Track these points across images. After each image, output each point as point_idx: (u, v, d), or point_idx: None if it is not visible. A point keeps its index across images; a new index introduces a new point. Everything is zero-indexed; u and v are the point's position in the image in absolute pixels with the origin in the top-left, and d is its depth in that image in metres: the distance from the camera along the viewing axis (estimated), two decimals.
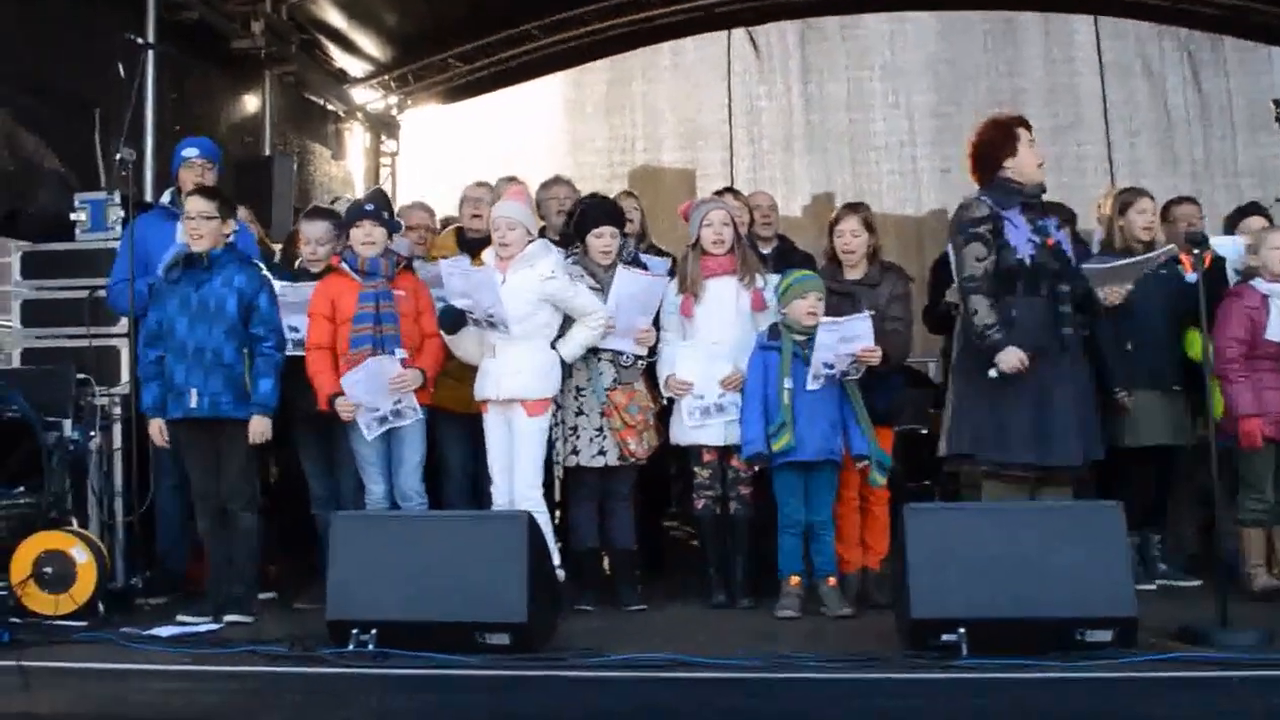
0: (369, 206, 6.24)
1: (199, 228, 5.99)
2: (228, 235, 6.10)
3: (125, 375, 6.69)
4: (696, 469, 6.33)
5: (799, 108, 11.88)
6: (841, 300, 6.24)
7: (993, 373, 5.76)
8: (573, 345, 6.15)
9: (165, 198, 6.88)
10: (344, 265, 6.17)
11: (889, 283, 6.31)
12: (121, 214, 6.95)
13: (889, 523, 6.26)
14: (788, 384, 5.99)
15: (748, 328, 6.27)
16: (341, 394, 6.02)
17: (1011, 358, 5.72)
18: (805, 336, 6.01)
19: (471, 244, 6.76)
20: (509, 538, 5.10)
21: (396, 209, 7.10)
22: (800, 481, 6.06)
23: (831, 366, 5.94)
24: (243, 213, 7.54)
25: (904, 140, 11.67)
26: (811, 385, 5.94)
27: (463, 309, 6.01)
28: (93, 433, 6.59)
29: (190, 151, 6.83)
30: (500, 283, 6.04)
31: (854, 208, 6.54)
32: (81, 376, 6.68)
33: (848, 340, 5.88)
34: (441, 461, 6.57)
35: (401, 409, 6.07)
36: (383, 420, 6.06)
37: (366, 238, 6.13)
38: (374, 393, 6.01)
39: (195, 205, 6.04)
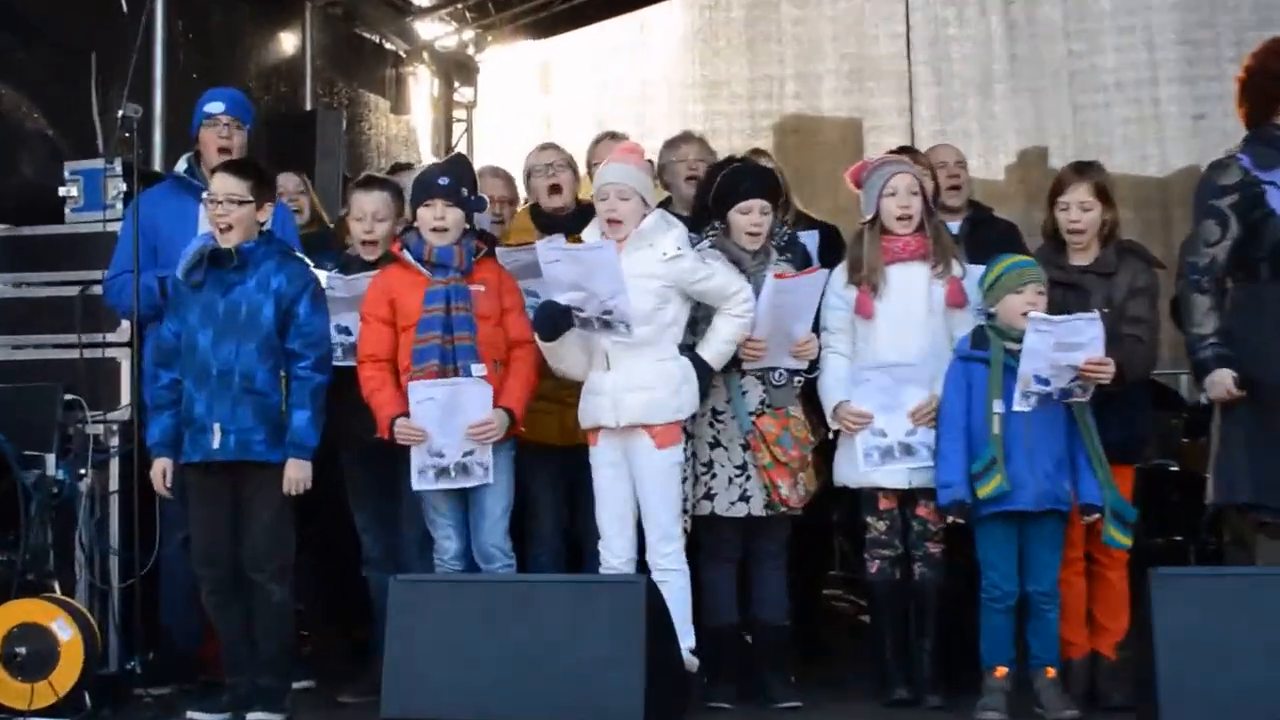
0: (442, 180, 6.17)
1: (226, 215, 6.01)
2: (263, 223, 6.13)
3: (126, 396, 6.72)
4: (870, 520, 6.30)
5: (1000, 36, 11.86)
6: (1066, 294, 6.19)
7: (1203, 398, 5.76)
8: (718, 344, 6.07)
9: (180, 166, 6.93)
10: (406, 254, 6.14)
11: (1128, 270, 6.25)
12: (124, 188, 7.00)
13: (1128, 594, 6.24)
14: (998, 408, 5.94)
15: (942, 332, 6.25)
16: (406, 415, 5.99)
17: (1220, 384, 5.75)
18: (1021, 345, 5.96)
19: (553, 224, 6.77)
20: (622, 611, 5.11)
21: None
22: (1013, 539, 6.02)
23: (1046, 382, 5.91)
24: (289, 181, 7.56)
25: (1142, 77, 11.57)
26: (1019, 406, 5.92)
27: (568, 305, 5.94)
28: (83, 471, 6.61)
29: (214, 106, 6.87)
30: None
31: (1082, 170, 6.42)
32: (70, 398, 6.70)
33: (1067, 347, 5.85)
34: (529, 510, 6.60)
35: (470, 464, 6.03)
36: (442, 472, 6.03)
37: (438, 221, 6.09)
38: (445, 427, 5.97)
39: (222, 185, 6.05)
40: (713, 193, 6.43)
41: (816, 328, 6.29)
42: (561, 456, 6.43)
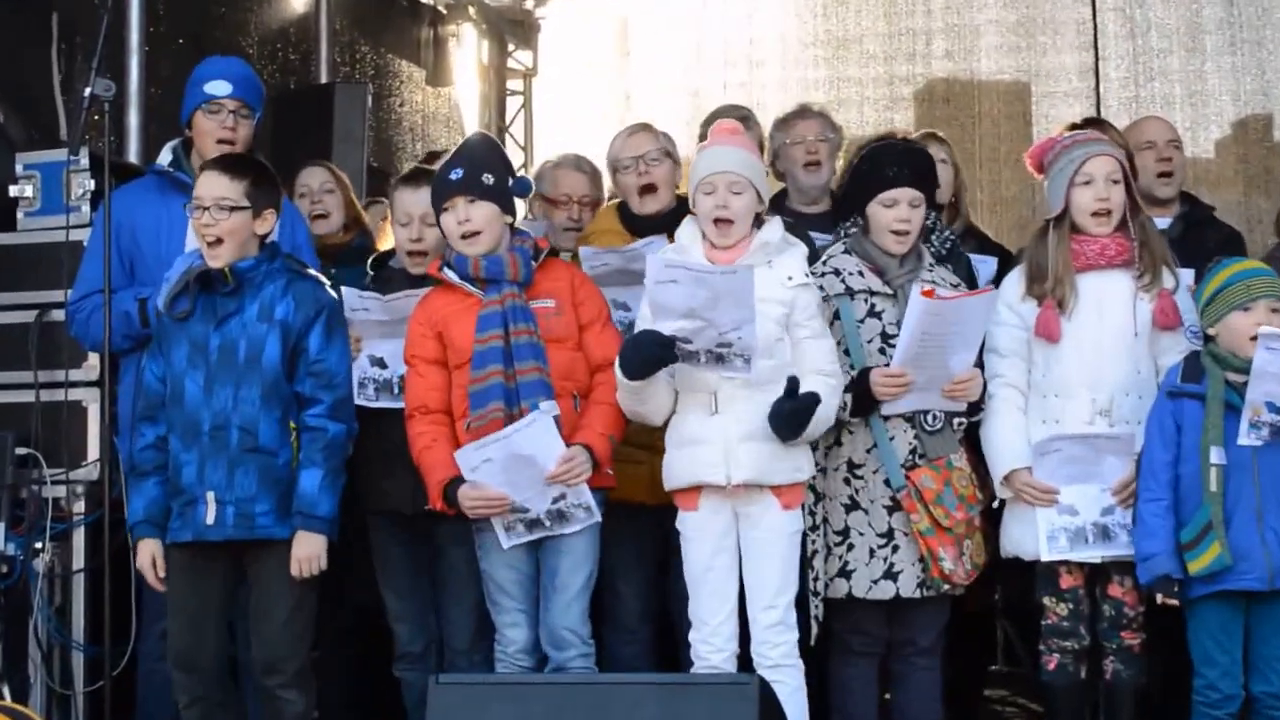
0: (454, 173, 6.14)
1: (215, 225, 5.99)
2: (265, 234, 6.12)
3: (95, 450, 6.75)
4: (1049, 602, 6.31)
5: None
6: None
7: None
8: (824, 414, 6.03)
9: (164, 157, 6.93)
10: (449, 272, 6.14)
11: None
12: (91, 185, 7.07)
13: None
14: (1216, 458, 5.95)
15: (1147, 361, 6.29)
16: (462, 481, 5.95)
17: None
18: (1248, 376, 6.01)
19: (644, 226, 6.80)
20: (730, 718, 5.06)
21: (533, 167, 7.01)
22: (1236, 626, 6.02)
23: None
24: (313, 177, 7.56)
25: None
26: (1245, 440, 5.95)
27: (672, 337, 5.87)
28: (40, 545, 6.66)
29: (218, 86, 6.82)
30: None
31: None
32: (23, 452, 6.77)
33: None
34: (608, 588, 6.60)
35: (568, 508, 6.02)
36: (533, 525, 6.02)
37: (464, 225, 6.07)
38: (518, 487, 5.95)
39: (209, 188, 6.03)
40: (847, 180, 6.47)
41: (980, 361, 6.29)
42: (653, 520, 6.42)
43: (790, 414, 5.86)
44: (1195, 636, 6.00)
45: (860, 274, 6.21)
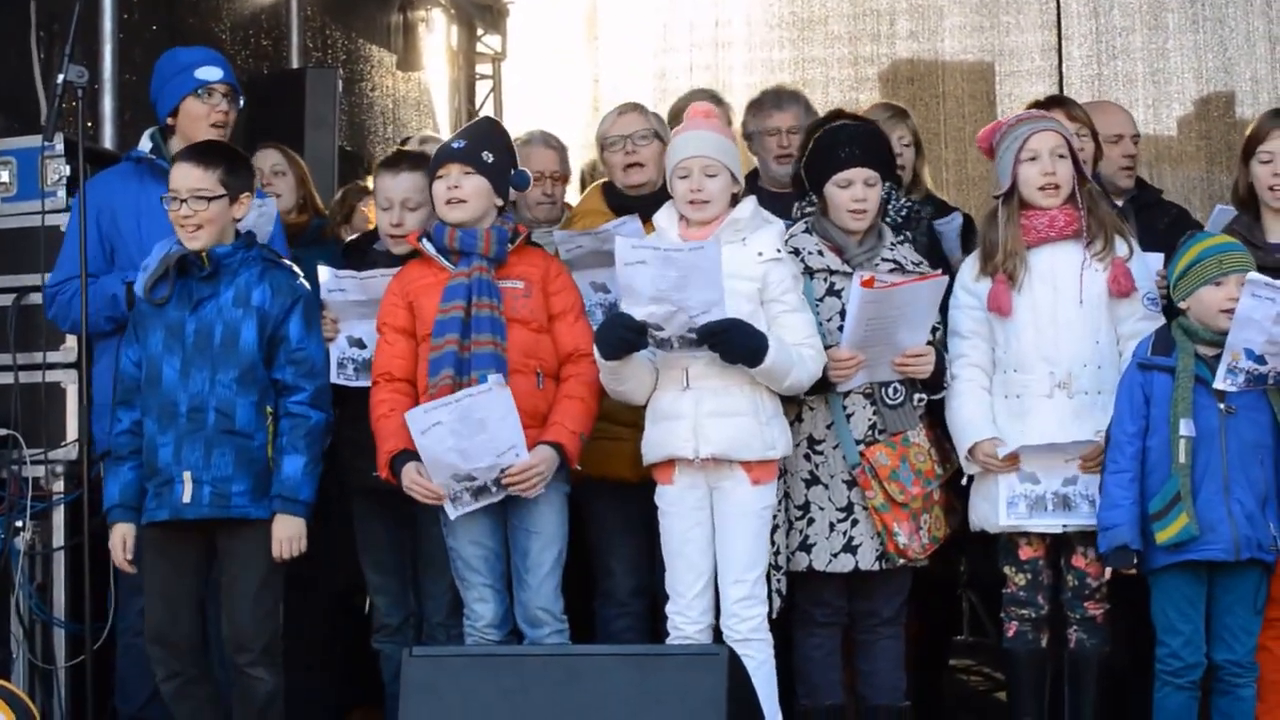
0: (458, 143, 6.24)
1: (194, 216, 6.01)
2: (239, 220, 6.15)
3: (73, 430, 6.75)
4: (1008, 571, 6.32)
5: None
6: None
7: None
8: (783, 347, 5.99)
9: (144, 144, 6.92)
10: (426, 243, 6.17)
11: None
12: (67, 171, 7.05)
13: None
14: (1186, 430, 5.95)
15: (1106, 330, 6.26)
16: (413, 454, 5.95)
17: None
18: (1219, 351, 6.01)
19: (628, 204, 6.82)
20: (698, 691, 5.04)
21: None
22: (1200, 596, 6.02)
23: (1262, 360, 5.95)
24: (264, 159, 7.56)
25: None
26: (1221, 384, 5.97)
27: (643, 321, 5.90)
28: (20, 524, 6.65)
29: (210, 72, 6.82)
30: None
31: None
32: (4, 432, 6.78)
33: None
34: (601, 565, 6.71)
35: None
36: (480, 492, 6.03)
37: (453, 190, 6.11)
38: (466, 453, 5.95)
39: (183, 178, 6.05)
40: (805, 160, 6.43)
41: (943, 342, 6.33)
42: (641, 495, 6.36)
43: (730, 330, 5.81)
44: (1159, 606, 6.01)
45: (820, 253, 6.21)
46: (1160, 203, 7.35)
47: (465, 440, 5.92)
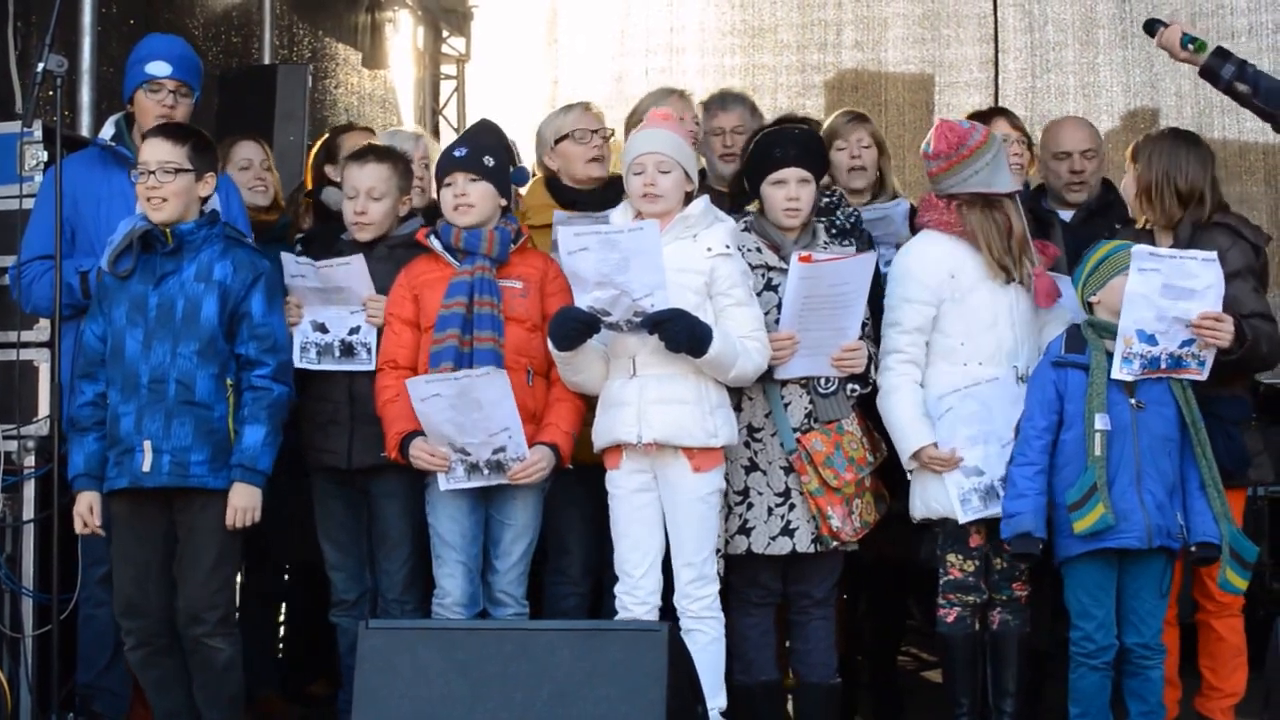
0: (458, 151, 6.31)
1: (160, 187, 6.03)
2: (206, 198, 6.16)
3: (45, 407, 6.72)
4: (953, 559, 6.34)
5: None
6: None
7: None
8: (726, 337, 6.01)
9: (107, 131, 6.92)
10: (433, 240, 6.25)
11: (1221, 249, 6.22)
12: (43, 157, 7.01)
13: (1245, 649, 6.34)
14: (1100, 424, 5.97)
15: (1033, 338, 6.35)
16: (419, 433, 6.04)
17: None
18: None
19: (572, 197, 6.85)
20: (639, 666, 5.08)
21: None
22: (1111, 582, 6.05)
23: (1153, 340, 5.99)
24: (254, 151, 7.59)
25: None
26: (1118, 374, 5.99)
27: (591, 309, 5.95)
28: None
29: (158, 67, 6.80)
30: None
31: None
32: None
33: (1178, 294, 5.96)
34: (557, 544, 6.70)
35: (506, 461, 6.09)
36: (472, 471, 6.09)
37: (460, 198, 6.19)
38: (462, 427, 6.02)
39: (154, 152, 6.08)
40: (746, 161, 6.46)
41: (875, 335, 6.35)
42: (596, 478, 6.37)
43: (675, 320, 5.84)
44: (1073, 592, 6.05)
45: (758, 250, 6.24)
46: (1116, 202, 7.19)
47: (461, 415, 5.99)
